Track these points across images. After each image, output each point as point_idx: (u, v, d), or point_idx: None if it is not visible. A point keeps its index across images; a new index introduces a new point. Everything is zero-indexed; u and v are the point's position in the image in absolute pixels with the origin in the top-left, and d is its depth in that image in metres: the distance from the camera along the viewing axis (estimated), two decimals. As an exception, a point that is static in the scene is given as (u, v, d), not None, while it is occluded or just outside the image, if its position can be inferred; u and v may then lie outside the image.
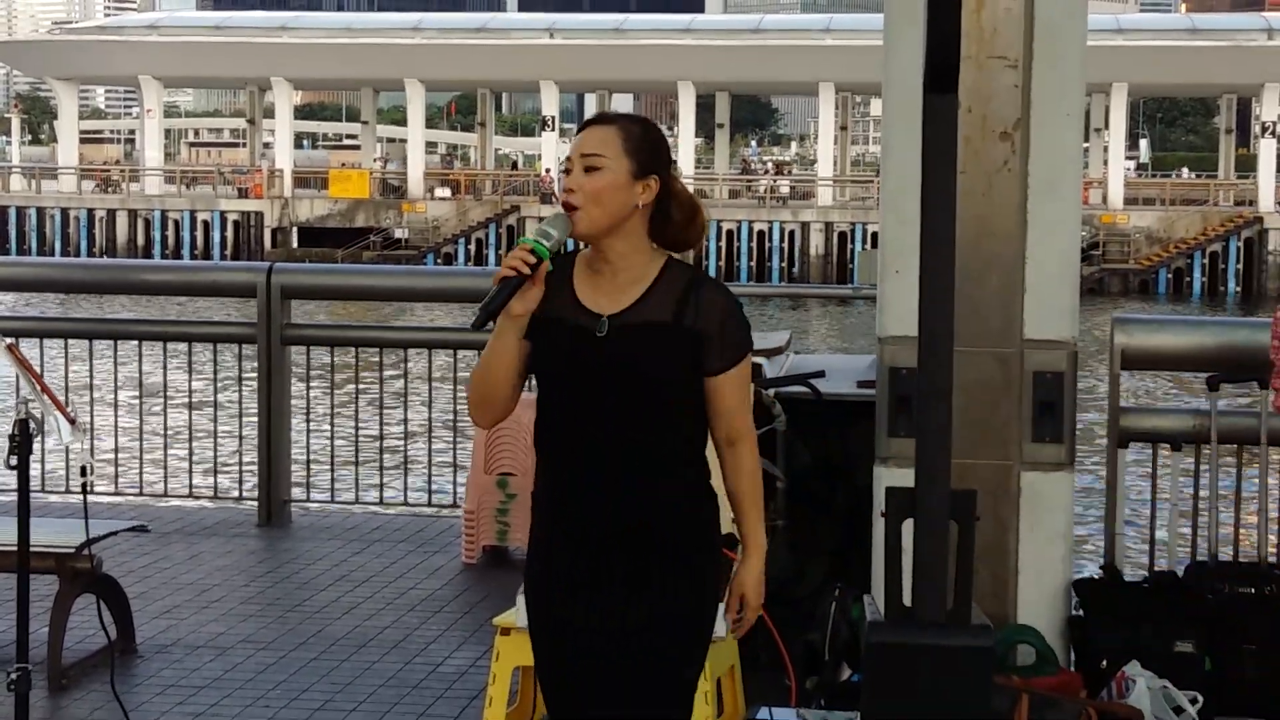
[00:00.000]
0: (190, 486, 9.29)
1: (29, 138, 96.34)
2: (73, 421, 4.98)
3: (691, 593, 3.55)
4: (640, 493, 3.50)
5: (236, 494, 9.11)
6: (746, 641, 5.31)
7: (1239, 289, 50.27)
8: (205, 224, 56.15)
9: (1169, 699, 5.02)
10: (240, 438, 9.34)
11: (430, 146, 74.43)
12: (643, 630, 3.50)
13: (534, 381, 3.65)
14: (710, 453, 3.63)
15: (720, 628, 4.50)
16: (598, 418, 3.49)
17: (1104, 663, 5.40)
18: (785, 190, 58.70)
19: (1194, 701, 5.04)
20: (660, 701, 3.54)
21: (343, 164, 66.09)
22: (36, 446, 5.03)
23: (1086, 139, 43.29)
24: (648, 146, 3.57)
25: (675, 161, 3.76)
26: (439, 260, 52.11)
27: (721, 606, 3.68)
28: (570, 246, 3.62)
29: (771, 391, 6.50)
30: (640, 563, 3.50)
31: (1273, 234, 50.66)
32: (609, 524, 3.50)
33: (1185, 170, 73.17)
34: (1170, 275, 50.68)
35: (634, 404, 3.48)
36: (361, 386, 9.85)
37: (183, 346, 9.18)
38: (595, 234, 3.53)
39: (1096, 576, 5.85)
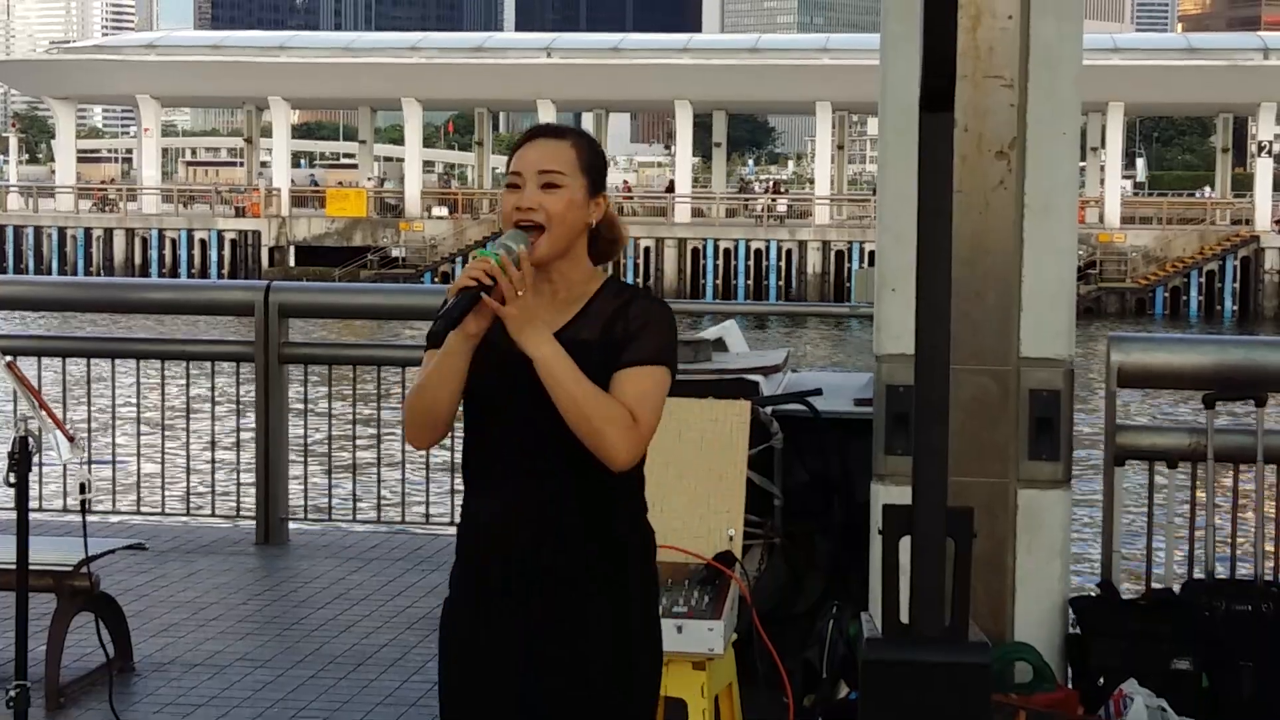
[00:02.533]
0: (188, 505, 9.30)
1: (26, 157, 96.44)
2: (71, 439, 4.99)
3: (627, 618, 3.38)
4: (574, 516, 3.33)
5: (234, 512, 9.10)
6: (744, 659, 5.31)
7: (1236, 308, 50.35)
8: (202, 243, 56.20)
9: (1165, 721, 5.02)
10: (238, 456, 9.34)
11: (428, 165, 74.52)
12: (580, 661, 3.34)
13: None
14: (648, 479, 3.46)
15: (718, 644, 4.51)
16: (531, 442, 3.33)
17: (1101, 680, 5.41)
18: (782, 209, 58.75)
19: (1189, 725, 5.04)
20: None
21: (339, 182, 66.10)
22: (35, 464, 5.04)
23: (1083, 158, 43.42)
24: (598, 163, 3.42)
25: None
26: (436, 279, 52.12)
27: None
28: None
29: (769, 409, 6.51)
30: (576, 593, 3.34)
31: (1269, 253, 50.77)
32: (541, 548, 3.33)
33: (1208, 189, 70.73)
34: (1167, 294, 50.78)
35: (566, 427, 3.27)
36: (359, 405, 9.85)
37: (180, 365, 9.19)
38: (555, 257, 3.37)
39: (1094, 594, 5.86)
